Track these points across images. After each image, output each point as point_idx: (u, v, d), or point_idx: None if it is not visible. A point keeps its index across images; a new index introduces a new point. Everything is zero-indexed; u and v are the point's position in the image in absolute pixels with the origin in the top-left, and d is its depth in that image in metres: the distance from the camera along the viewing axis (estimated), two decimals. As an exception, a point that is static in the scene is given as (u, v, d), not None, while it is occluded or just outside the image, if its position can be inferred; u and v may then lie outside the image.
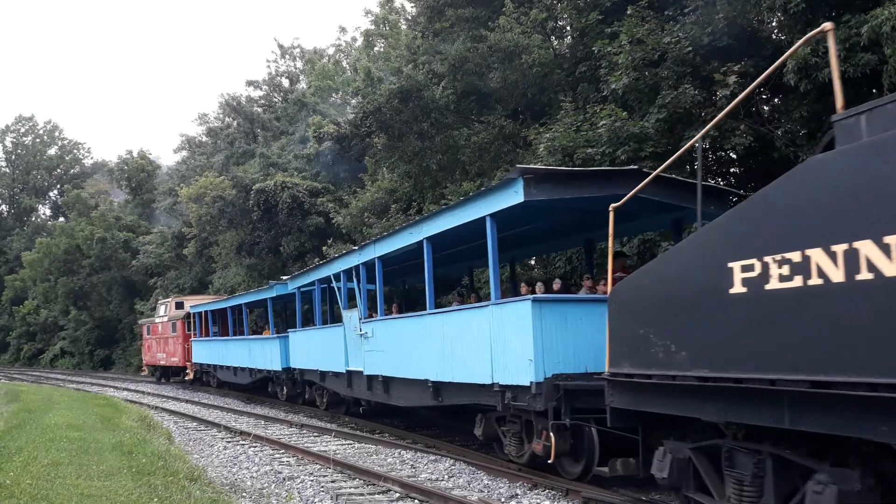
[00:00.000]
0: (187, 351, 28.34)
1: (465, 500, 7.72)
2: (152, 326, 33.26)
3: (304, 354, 17.56)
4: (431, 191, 21.65)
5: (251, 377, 21.64)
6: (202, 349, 26.92)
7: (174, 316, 30.02)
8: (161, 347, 31.81)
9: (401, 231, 11.86)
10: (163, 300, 33.48)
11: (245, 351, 21.81)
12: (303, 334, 17.70)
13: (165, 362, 31.47)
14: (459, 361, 10.00)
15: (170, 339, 30.36)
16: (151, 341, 33.64)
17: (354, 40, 43.91)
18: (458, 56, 18.90)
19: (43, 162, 72.47)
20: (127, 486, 7.32)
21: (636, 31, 13.50)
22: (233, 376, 23.49)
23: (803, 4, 10.79)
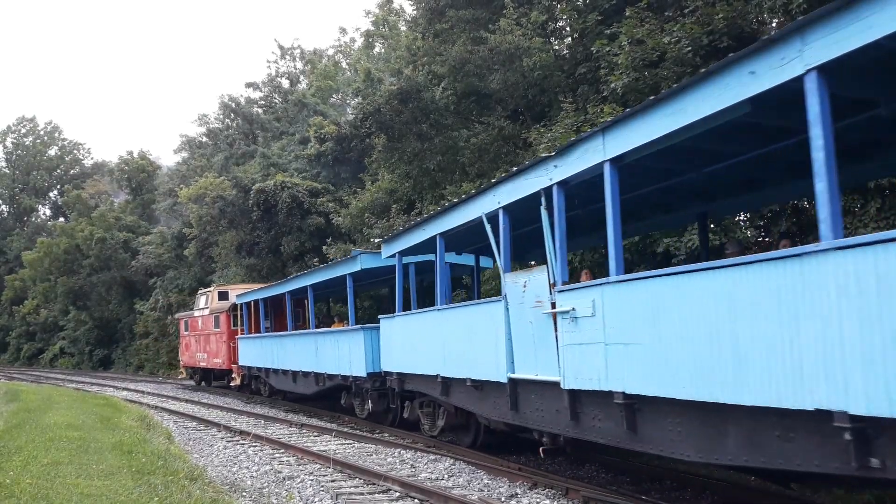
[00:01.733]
0: (232, 351, 23.68)
1: (465, 499, 7.72)
2: (191, 321, 28.15)
3: (408, 352, 12.16)
4: (431, 191, 21.66)
5: (317, 385, 16.82)
6: (250, 349, 21.94)
7: (217, 308, 25.01)
8: (201, 346, 26.96)
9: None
10: (204, 290, 28.05)
11: (310, 350, 17.07)
12: (409, 321, 12.14)
13: (206, 364, 26.52)
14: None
15: (211, 337, 25.62)
16: (190, 339, 28.57)
17: (354, 41, 43.96)
18: (458, 57, 18.92)
19: (43, 162, 72.49)
20: (127, 485, 7.32)
21: (636, 31, 13.52)
22: (290, 383, 18.74)
23: (804, 5, 10.80)
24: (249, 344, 22.06)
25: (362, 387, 14.42)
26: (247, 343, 22.28)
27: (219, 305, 24.94)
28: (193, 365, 28.35)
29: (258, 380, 21.90)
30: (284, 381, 19.22)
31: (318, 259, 25.53)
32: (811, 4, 10.76)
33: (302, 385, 17.97)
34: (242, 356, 22.50)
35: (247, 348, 22.18)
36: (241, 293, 22.72)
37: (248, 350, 22.08)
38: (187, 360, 29.21)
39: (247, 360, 22.07)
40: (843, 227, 10.75)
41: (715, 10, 12.91)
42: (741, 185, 8.70)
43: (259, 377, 21.66)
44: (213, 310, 25.28)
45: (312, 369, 16.82)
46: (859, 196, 10.96)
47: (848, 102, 5.60)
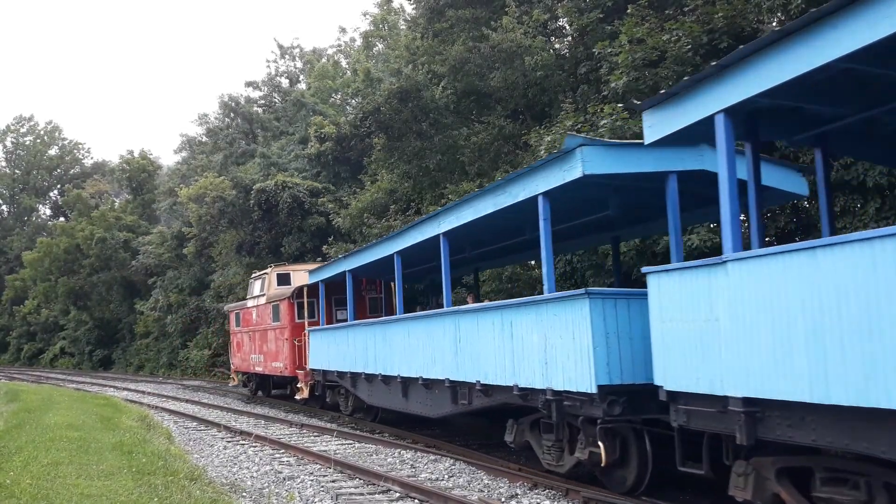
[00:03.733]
0: (298, 351, 18.06)
1: (465, 499, 7.72)
2: (244, 313, 22.82)
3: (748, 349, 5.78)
4: (431, 191, 21.66)
5: (456, 403, 10.52)
6: (327, 346, 16.07)
7: (276, 295, 19.61)
8: (256, 345, 21.24)
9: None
10: (258, 272, 22.48)
11: (445, 341, 10.64)
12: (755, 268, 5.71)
13: (263, 368, 20.61)
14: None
15: (269, 333, 19.93)
16: (242, 336, 22.84)
17: (353, 41, 43.94)
18: (458, 57, 18.93)
19: (43, 162, 72.51)
20: (127, 485, 7.32)
21: (636, 30, 13.52)
22: (398, 399, 12.57)
23: (803, 5, 10.80)
24: (325, 339, 16.20)
25: (579, 413, 7.81)
26: (321, 338, 16.43)
27: (278, 291, 19.57)
28: (247, 370, 22.50)
29: (337, 391, 16.27)
30: (385, 393, 13.20)
31: (319, 259, 25.50)
32: (810, 4, 10.77)
33: (422, 401, 11.74)
34: (314, 357, 16.82)
35: (321, 345, 16.41)
36: (316, 269, 17.12)
37: (322, 348, 16.35)
38: (239, 363, 23.55)
39: (320, 363, 16.44)
40: (844, 226, 10.79)
41: (715, 9, 12.91)
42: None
43: (339, 387, 15.96)
44: (270, 297, 19.86)
45: (448, 375, 10.41)
46: (859, 196, 10.96)
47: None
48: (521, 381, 8.66)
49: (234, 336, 24.22)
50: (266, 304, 20.40)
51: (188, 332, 39.48)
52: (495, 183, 9.24)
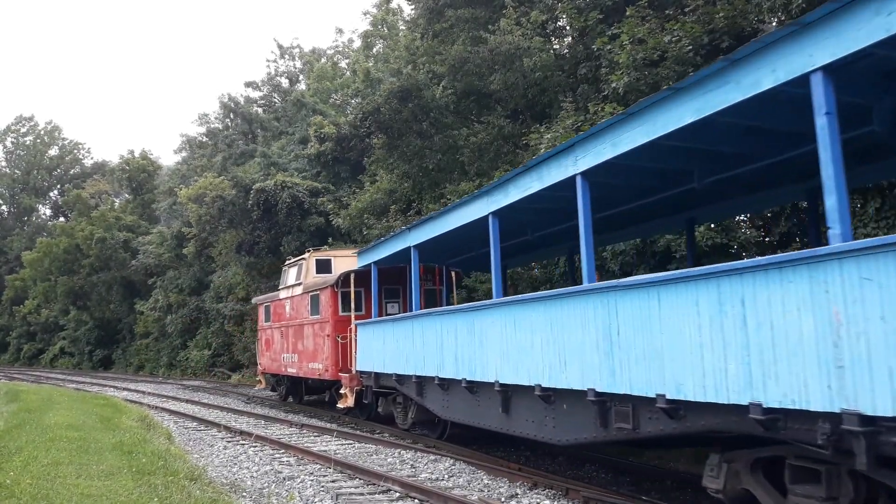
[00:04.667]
0: (343, 350, 15.35)
1: (465, 499, 7.71)
2: (274, 306, 20.30)
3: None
4: (430, 191, 21.66)
5: (603, 426, 7.29)
6: (381, 342, 13.30)
7: (315, 284, 17.00)
8: (289, 343, 18.69)
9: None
10: (292, 259, 19.76)
11: (590, 333, 7.33)
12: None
13: (297, 370, 18.03)
14: None
15: (307, 329, 17.33)
16: (272, 333, 20.36)
17: (352, 42, 43.98)
18: (458, 57, 18.93)
19: (43, 162, 72.57)
20: (127, 485, 7.32)
21: (637, 30, 13.52)
22: (494, 414, 9.49)
23: (804, 5, 10.80)
24: (379, 335, 13.29)
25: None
26: (374, 333, 13.58)
27: (318, 280, 17.07)
28: (277, 371, 19.97)
29: (392, 399, 13.61)
30: (471, 405, 10.13)
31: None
32: (810, 4, 10.77)
33: (536, 419, 8.58)
34: (363, 357, 14.03)
35: (373, 343, 13.55)
36: (369, 247, 14.27)
37: (375, 346, 13.46)
38: (268, 363, 20.94)
39: (371, 364, 13.58)
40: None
41: (716, 9, 12.92)
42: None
43: (395, 394, 13.30)
44: (308, 286, 17.19)
45: (594, 385, 7.24)
46: (859, 196, 10.95)
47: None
48: (768, 396, 5.20)
49: (263, 333, 21.52)
50: (303, 294, 17.49)
51: (188, 332, 39.50)
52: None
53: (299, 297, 18.01)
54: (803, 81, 5.04)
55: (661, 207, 9.64)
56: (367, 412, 15.20)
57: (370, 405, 14.68)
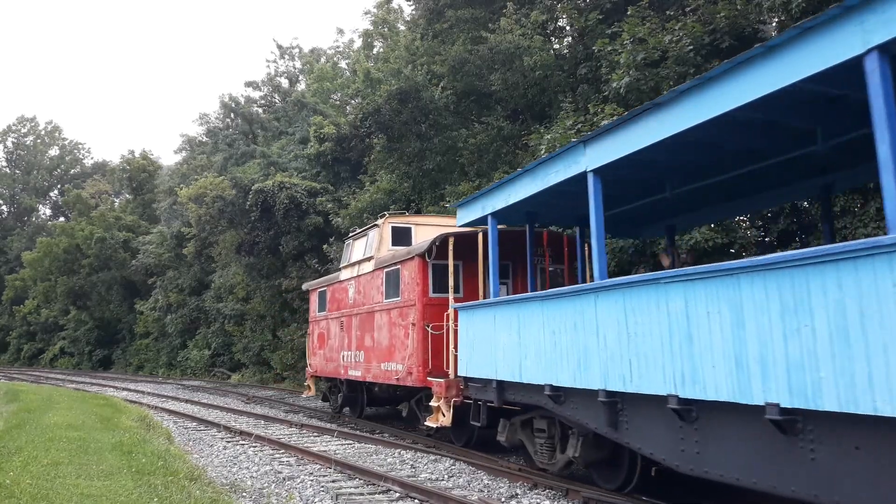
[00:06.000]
0: (435, 346, 11.58)
1: (465, 499, 7.71)
2: (332, 291, 16.55)
3: None
4: (430, 192, 21.66)
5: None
6: (506, 334, 9.17)
7: (391, 258, 13.17)
8: (351, 338, 15.00)
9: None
10: (359, 230, 15.83)
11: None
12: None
13: (363, 372, 14.25)
14: None
15: (379, 316, 13.54)
16: (328, 325, 16.70)
17: (352, 42, 44.01)
18: (458, 57, 18.93)
19: (44, 162, 72.66)
20: (127, 485, 7.31)
21: (637, 30, 13.52)
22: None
23: (803, 4, 10.80)
24: (510, 320, 9.09)
25: None
26: (502, 319, 9.30)
27: (396, 252, 13.17)
28: (333, 374, 16.23)
29: (530, 425, 9.31)
30: (769, 455, 5.40)
31: (318, 259, 25.51)
32: (810, 4, 10.77)
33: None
34: (473, 356, 10.01)
35: (500, 334, 9.32)
36: (482, 192, 9.98)
37: (503, 338, 9.23)
38: (320, 364, 17.22)
39: (491, 367, 9.47)
40: (844, 226, 10.77)
41: (717, 9, 12.92)
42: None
43: (537, 416, 9.07)
44: (383, 261, 13.44)
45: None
46: (859, 196, 10.95)
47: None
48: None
49: (315, 326, 17.68)
50: (375, 271, 13.67)
51: (188, 332, 39.52)
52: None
53: (369, 275, 14.01)
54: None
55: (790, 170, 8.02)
56: (466, 436, 11.27)
57: (473, 427, 10.68)
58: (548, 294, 8.35)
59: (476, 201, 10.24)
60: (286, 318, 29.34)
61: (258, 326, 31.86)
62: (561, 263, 12.11)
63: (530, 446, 9.42)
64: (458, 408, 10.68)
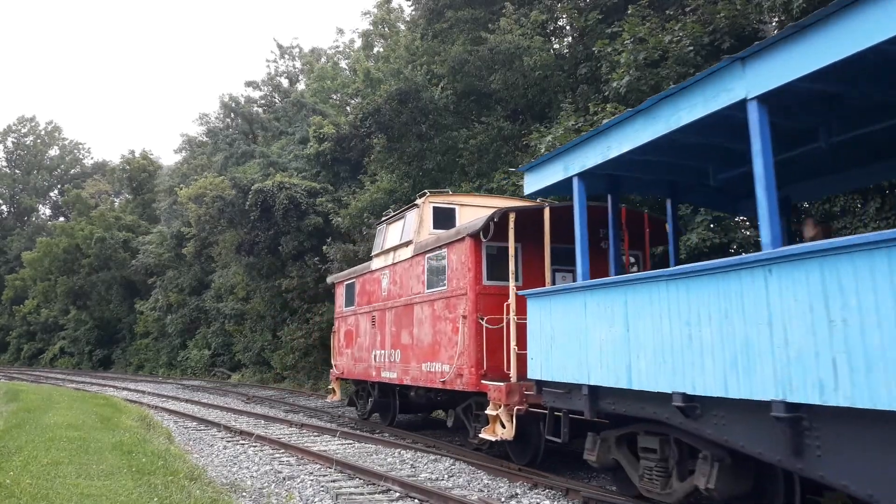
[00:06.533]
0: (491, 342, 10.04)
1: (465, 499, 7.71)
2: (362, 283, 15.07)
3: None
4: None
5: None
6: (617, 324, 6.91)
7: (436, 241, 11.57)
8: (385, 334, 13.54)
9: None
10: (393, 213, 14.50)
11: None
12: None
13: (399, 374, 12.77)
14: None
15: (419, 309, 12.05)
16: (357, 320, 15.28)
17: (352, 42, 44.04)
18: (458, 58, 18.93)
19: (44, 162, 72.71)
20: (127, 485, 7.31)
21: (638, 30, 13.53)
22: None
23: (804, 5, 10.81)
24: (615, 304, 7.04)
25: None
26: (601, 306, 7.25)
27: (442, 235, 11.47)
28: (362, 376, 14.79)
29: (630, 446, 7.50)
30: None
31: (319, 259, 25.50)
32: (810, 4, 10.77)
33: None
34: (542, 354, 8.26)
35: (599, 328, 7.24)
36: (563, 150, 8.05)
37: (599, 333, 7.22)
38: (347, 365, 15.80)
39: (576, 369, 7.60)
40: (843, 226, 10.77)
41: (717, 9, 12.92)
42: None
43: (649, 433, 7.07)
44: (425, 245, 11.87)
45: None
46: (859, 196, 10.96)
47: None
48: None
49: (342, 322, 16.25)
50: (414, 258, 12.18)
51: (188, 332, 39.53)
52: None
53: (406, 262, 12.52)
54: None
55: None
56: (530, 452, 9.52)
57: (538, 441, 9.26)
58: (678, 272, 6.23)
59: (555, 160, 8.19)
60: (286, 318, 29.34)
61: (258, 326, 31.86)
62: (639, 249, 10.54)
63: (632, 470, 7.38)
64: (521, 420, 9.02)
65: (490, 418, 9.50)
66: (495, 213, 9.83)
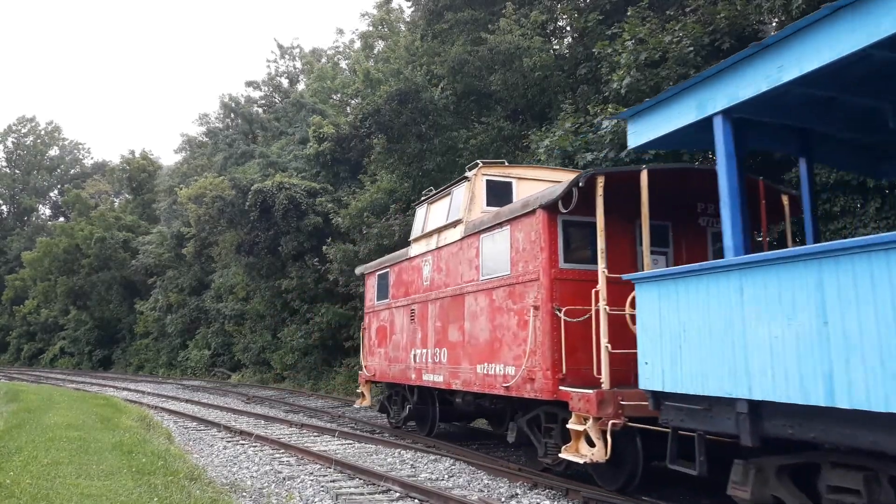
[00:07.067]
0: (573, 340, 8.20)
1: (465, 499, 7.71)
2: (397, 271, 13.63)
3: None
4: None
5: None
6: (787, 317, 5.01)
7: (491, 218, 9.98)
8: (429, 333, 11.89)
9: None
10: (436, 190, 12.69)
11: None
12: None
13: (448, 379, 10.98)
14: None
15: (472, 300, 10.35)
16: (391, 315, 13.77)
17: (353, 42, 44.07)
18: (458, 58, 18.94)
19: (44, 162, 72.73)
20: (127, 485, 7.31)
21: (638, 30, 13.54)
22: None
23: (804, 6, 10.81)
24: (799, 288, 4.96)
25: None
26: (768, 285, 5.21)
27: (502, 211, 9.87)
28: (398, 379, 13.22)
29: (803, 480, 5.50)
30: None
31: (318, 259, 25.52)
32: (810, 4, 10.78)
33: None
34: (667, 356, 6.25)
35: (737, 320, 5.50)
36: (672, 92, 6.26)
37: (742, 329, 5.44)
38: (380, 366, 14.22)
39: (723, 378, 5.60)
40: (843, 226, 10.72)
41: (717, 9, 12.93)
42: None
43: (824, 469, 5.22)
44: (478, 224, 10.37)
45: None
46: (859, 196, 10.95)
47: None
48: None
49: (373, 317, 14.74)
50: (466, 239, 10.61)
51: (188, 332, 39.53)
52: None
53: (455, 245, 10.96)
54: None
55: None
56: (624, 476, 7.86)
57: (634, 465, 7.76)
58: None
59: (681, 97, 6.18)
60: (286, 319, 29.35)
61: (258, 326, 31.87)
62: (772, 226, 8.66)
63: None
64: (616, 439, 7.30)
65: (573, 434, 7.68)
66: (579, 177, 7.90)
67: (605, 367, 7.50)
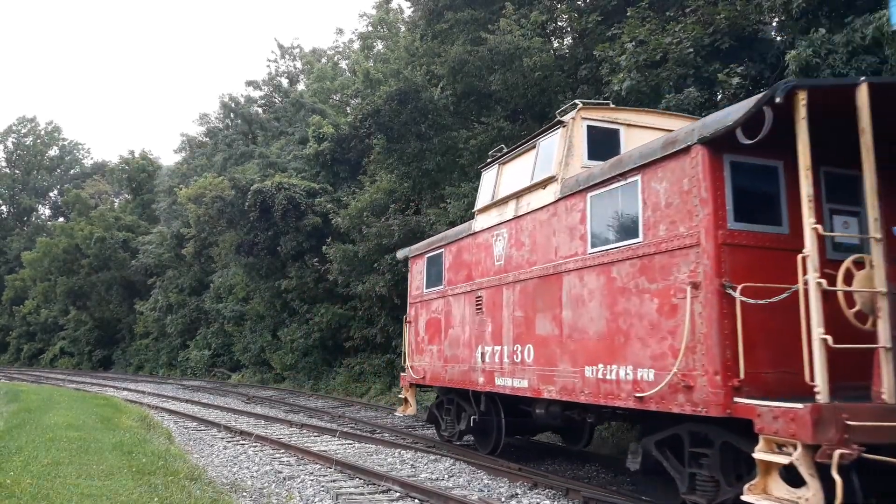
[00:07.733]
0: (752, 330, 5.79)
1: (465, 499, 7.71)
2: (455, 251, 11.47)
3: None
4: (430, 192, 21.68)
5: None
6: None
7: (610, 167, 7.54)
8: (504, 325, 9.58)
9: None
10: (512, 146, 10.54)
11: None
12: None
13: (536, 385, 8.64)
14: None
15: (571, 279, 8.03)
16: (448, 305, 11.53)
17: (352, 42, 44.06)
18: (458, 58, 18.94)
19: (43, 162, 72.71)
20: (127, 485, 7.32)
21: (638, 32, 13.53)
22: None
23: (803, 5, 10.81)
24: None
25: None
26: None
27: (622, 159, 7.53)
28: (457, 383, 11.10)
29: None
30: None
31: (318, 259, 25.52)
32: (810, 4, 10.78)
33: None
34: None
35: None
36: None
37: None
38: (430, 367, 12.21)
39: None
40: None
41: (717, 10, 12.92)
42: None
43: None
44: (585, 180, 8.01)
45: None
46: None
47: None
48: None
49: (422, 308, 12.71)
50: (562, 201, 8.45)
51: (188, 332, 39.53)
52: None
53: (545, 211, 8.82)
54: None
55: None
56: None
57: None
58: None
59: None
60: (286, 319, 29.36)
61: (258, 327, 31.87)
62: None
63: None
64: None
65: (760, 467, 5.49)
66: (774, 90, 5.33)
67: (820, 369, 5.19)
